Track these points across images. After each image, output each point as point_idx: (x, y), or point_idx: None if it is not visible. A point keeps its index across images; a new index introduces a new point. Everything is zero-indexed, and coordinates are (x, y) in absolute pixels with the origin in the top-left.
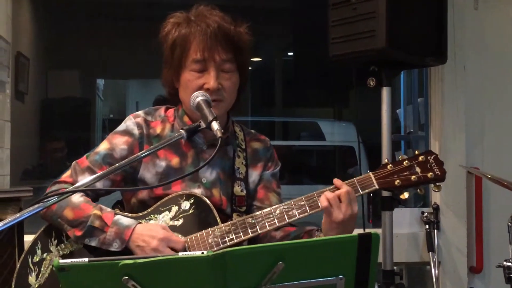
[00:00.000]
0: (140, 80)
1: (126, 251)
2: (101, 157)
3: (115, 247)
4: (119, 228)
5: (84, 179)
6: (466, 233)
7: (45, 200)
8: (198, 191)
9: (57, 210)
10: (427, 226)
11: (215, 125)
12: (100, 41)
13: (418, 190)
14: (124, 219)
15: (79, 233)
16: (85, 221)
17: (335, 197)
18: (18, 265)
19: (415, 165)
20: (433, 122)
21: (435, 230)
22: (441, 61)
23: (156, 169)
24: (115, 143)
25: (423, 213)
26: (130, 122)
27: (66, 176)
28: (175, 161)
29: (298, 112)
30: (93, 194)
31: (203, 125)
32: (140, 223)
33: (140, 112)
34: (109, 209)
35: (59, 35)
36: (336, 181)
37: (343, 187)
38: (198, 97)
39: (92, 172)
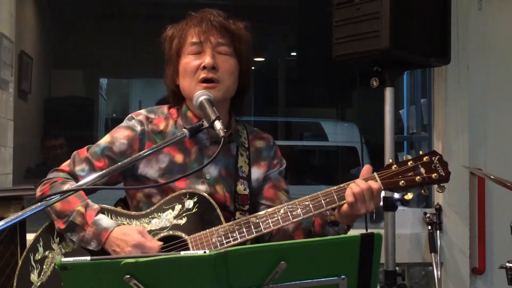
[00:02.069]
0: (143, 80)
1: (106, 252)
2: (100, 149)
3: (92, 246)
4: (97, 228)
5: (88, 178)
6: (469, 234)
7: (47, 199)
8: (202, 187)
9: None
10: (429, 227)
11: (218, 125)
12: (103, 40)
13: (422, 190)
14: (105, 220)
15: (62, 226)
16: (69, 215)
17: (360, 192)
18: (20, 263)
19: (420, 166)
20: (436, 123)
21: (438, 231)
22: (445, 62)
23: (159, 164)
24: (116, 136)
25: (425, 213)
26: (132, 119)
27: (65, 164)
28: (178, 157)
29: (301, 112)
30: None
31: (206, 124)
32: (120, 225)
33: (142, 111)
34: (95, 206)
35: (62, 34)
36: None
37: (373, 184)
38: (201, 96)
39: (89, 163)
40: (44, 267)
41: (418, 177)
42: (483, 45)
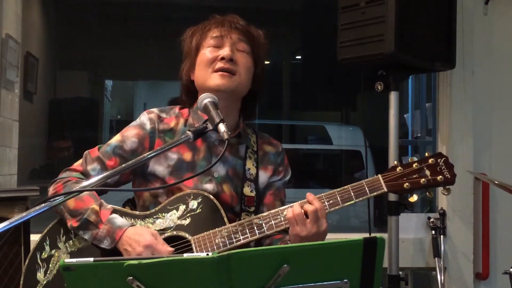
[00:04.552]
0: (149, 82)
1: (116, 250)
2: (111, 148)
3: (105, 244)
4: (111, 226)
5: (95, 177)
6: (473, 239)
7: (51, 200)
8: (209, 185)
9: None
10: (433, 232)
11: (222, 127)
12: (109, 42)
13: (427, 193)
14: (119, 219)
15: (75, 224)
16: (83, 213)
17: (301, 213)
18: (27, 261)
19: (425, 168)
20: (441, 127)
21: (442, 236)
22: (450, 66)
23: (168, 162)
24: (126, 135)
25: (429, 218)
26: (143, 117)
27: (77, 164)
28: (187, 155)
29: (306, 115)
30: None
31: (210, 126)
32: (134, 225)
33: (155, 109)
34: (109, 206)
35: (68, 35)
36: (309, 195)
37: (314, 203)
38: (206, 98)
39: (101, 162)
40: (50, 265)
41: (423, 179)
42: (488, 50)
